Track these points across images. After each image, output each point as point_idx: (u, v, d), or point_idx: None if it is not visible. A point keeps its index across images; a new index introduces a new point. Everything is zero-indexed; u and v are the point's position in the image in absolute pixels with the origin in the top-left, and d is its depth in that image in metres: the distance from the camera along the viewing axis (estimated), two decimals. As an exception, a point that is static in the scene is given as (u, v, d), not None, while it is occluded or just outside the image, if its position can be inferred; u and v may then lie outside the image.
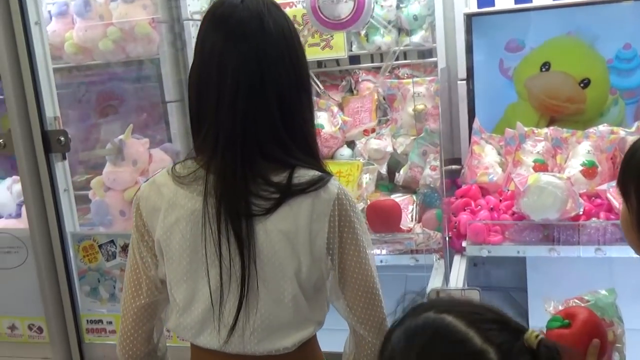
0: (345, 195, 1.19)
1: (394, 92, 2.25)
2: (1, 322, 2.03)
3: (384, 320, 1.23)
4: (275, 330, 1.20)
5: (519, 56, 2.14)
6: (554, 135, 2.00)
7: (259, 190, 1.15)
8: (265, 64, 1.16)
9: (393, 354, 0.86)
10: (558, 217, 1.74)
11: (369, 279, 1.21)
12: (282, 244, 1.16)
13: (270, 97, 1.16)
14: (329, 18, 1.79)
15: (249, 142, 1.16)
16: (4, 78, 1.83)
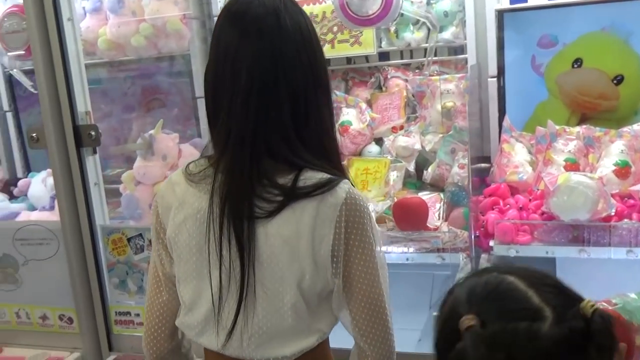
0: (355, 200, 1.14)
1: (423, 89, 2.23)
2: (33, 311, 2.08)
3: (389, 337, 1.18)
4: (274, 337, 1.17)
5: (552, 52, 2.09)
6: (586, 134, 1.96)
7: (264, 192, 1.13)
8: (280, 61, 1.14)
9: (454, 303, 0.89)
10: (588, 218, 1.70)
11: (376, 290, 1.16)
12: (282, 249, 1.13)
13: (283, 96, 1.14)
14: (357, 14, 1.77)
15: (258, 141, 1.14)
16: (37, 74, 1.86)
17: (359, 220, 1.13)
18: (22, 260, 2.04)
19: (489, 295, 0.87)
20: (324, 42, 2.34)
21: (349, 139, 2.22)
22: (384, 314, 1.17)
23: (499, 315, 0.84)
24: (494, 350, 0.81)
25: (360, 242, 1.14)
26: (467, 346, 0.83)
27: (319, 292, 1.16)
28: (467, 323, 0.83)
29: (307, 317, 1.17)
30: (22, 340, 2.10)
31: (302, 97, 1.16)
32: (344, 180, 1.15)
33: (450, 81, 2.18)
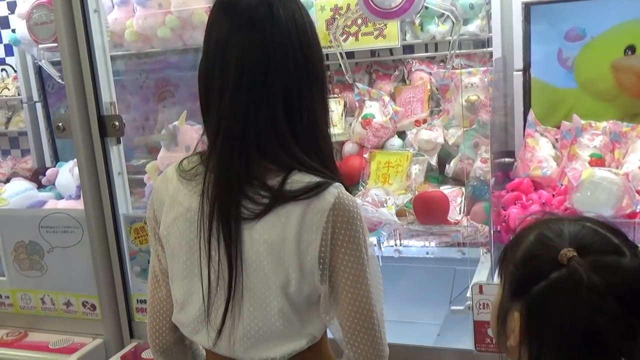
0: (345, 206, 1.10)
1: (447, 83, 2.21)
2: (58, 298, 2.12)
3: (377, 346, 1.15)
4: (263, 340, 1.15)
5: (579, 45, 2.05)
6: (612, 129, 1.92)
7: (252, 192, 1.10)
8: (272, 53, 1.10)
9: (544, 241, 0.97)
10: (612, 214, 1.67)
11: (363, 298, 1.12)
12: (267, 255, 1.10)
13: (275, 90, 1.10)
14: (380, 7, 1.76)
15: (248, 137, 1.10)
16: (64, 65, 1.90)
17: (347, 227, 1.10)
18: (47, 247, 2.08)
19: (578, 235, 0.96)
20: (348, 34, 2.33)
21: (372, 132, 2.21)
22: (372, 323, 1.14)
23: (591, 250, 0.93)
24: (594, 277, 0.90)
25: (347, 249, 1.10)
26: (567, 274, 0.91)
27: (306, 297, 1.14)
28: (569, 254, 0.92)
29: (297, 322, 1.15)
30: (47, 325, 2.14)
31: (295, 91, 1.12)
32: (334, 184, 1.11)
33: (474, 74, 2.15)
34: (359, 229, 1.12)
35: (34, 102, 2.90)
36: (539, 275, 0.94)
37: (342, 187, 1.13)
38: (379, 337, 1.15)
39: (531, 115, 2.06)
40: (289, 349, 1.17)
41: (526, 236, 1.01)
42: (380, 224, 1.89)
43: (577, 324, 0.90)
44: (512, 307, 0.98)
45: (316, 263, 1.10)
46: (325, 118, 1.19)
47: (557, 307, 0.92)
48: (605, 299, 0.89)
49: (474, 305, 1.56)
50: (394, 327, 2.09)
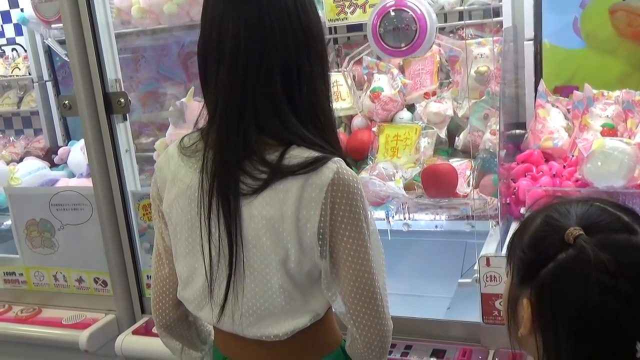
0: (344, 181, 1.09)
1: (456, 54, 2.17)
2: (70, 274, 2.14)
3: (381, 321, 1.15)
4: (265, 316, 1.15)
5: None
6: (625, 99, 1.87)
7: (251, 167, 1.09)
8: (269, 27, 1.08)
9: (551, 223, 0.94)
10: (624, 185, 1.64)
11: (365, 273, 1.12)
12: (265, 231, 1.10)
13: (272, 64, 1.09)
14: (390, 46, 1.74)
15: (246, 113, 1.09)
16: (68, 42, 1.89)
17: (346, 202, 1.09)
18: (58, 225, 2.10)
19: (585, 214, 0.93)
20: (356, 6, 2.30)
21: (380, 105, 2.18)
22: (374, 298, 1.13)
23: (599, 229, 0.91)
24: (603, 255, 0.87)
25: (347, 224, 1.10)
26: (574, 254, 0.88)
27: (307, 273, 1.13)
28: (575, 233, 0.89)
29: (299, 298, 1.15)
30: (60, 302, 2.17)
31: (294, 66, 1.11)
32: (333, 159, 1.10)
33: (484, 45, 2.11)
34: (359, 204, 1.11)
35: (45, 82, 2.92)
36: (547, 258, 0.91)
37: (342, 161, 1.12)
38: (382, 311, 1.15)
39: (542, 86, 2.01)
40: (292, 325, 1.16)
41: (533, 220, 0.98)
42: (389, 198, 1.87)
43: (589, 306, 0.87)
44: (522, 294, 0.95)
45: (315, 239, 1.10)
46: (326, 92, 1.17)
47: (567, 290, 0.89)
48: (616, 279, 0.86)
49: (481, 278, 1.55)
50: (404, 301, 2.12)
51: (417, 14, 1.68)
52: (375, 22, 1.72)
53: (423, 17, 1.68)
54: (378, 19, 1.71)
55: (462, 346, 1.60)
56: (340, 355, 1.24)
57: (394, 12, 1.70)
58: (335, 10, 2.31)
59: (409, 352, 1.61)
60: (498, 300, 1.55)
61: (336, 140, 1.19)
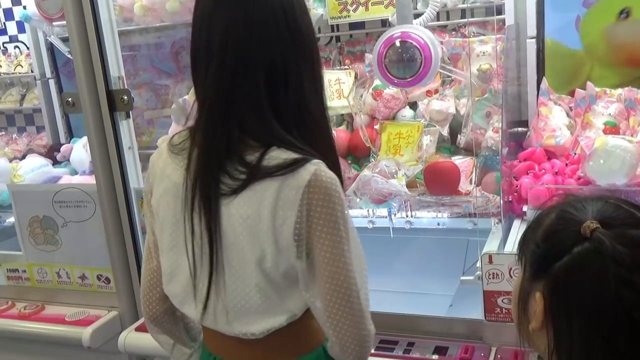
0: (322, 183, 1.09)
1: (459, 51, 2.17)
2: (73, 271, 2.15)
3: (358, 325, 1.14)
4: (243, 314, 1.17)
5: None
6: (628, 96, 1.87)
7: (232, 168, 1.10)
8: (256, 28, 1.10)
9: (566, 217, 0.95)
10: (626, 183, 1.64)
11: (342, 276, 1.11)
12: (243, 230, 1.11)
13: (258, 64, 1.10)
14: (395, 76, 1.75)
15: (230, 114, 1.11)
16: (71, 39, 1.89)
17: (323, 204, 1.09)
18: (61, 222, 2.10)
19: (600, 209, 0.93)
20: (358, 4, 2.30)
21: (383, 103, 2.18)
22: (351, 301, 1.13)
23: (615, 224, 0.91)
24: (621, 248, 0.87)
25: (324, 226, 1.10)
26: (592, 247, 0.89)
27: (284, 273, 1.14)
28: (592, 226, 0.89)
29: (275, 297, 1.16)
30: (63, 298, 2.17)
31: (280, 67, 1.12)
32: (312, 161, 1.10)
33: (486, 43, 2.11)
34: (336, 206, 1.11)
35: (47, 79, 2.92)
36: (562, 251, 0.91)
37: (322, 164, 1.12)
38: (360, 315, 1.14)
39: (544, 84, 2.02)
40: (268, 324, 1.18)
41: (546, 215, 0.99)
42: (391, 195, 1.88)
43: (604, 299, 0.87)
44: (534, 288, 0.95)
45: (292, 239, 1.11)
46: (316, 94, 1.18)
47: (582, 283, 0.89)
48: (632, 273, 0.86)
49: (483, 275, 1.55)
50: (406, 298, 2.12)
51: (421, 44, 1.69)
52: (381, 52, 1.74)
53: (427, 47, 1.69)
54: (384, 49, 1.73)
55: (464, 343, 1.60)
56: (321, 355, 1.24)
57: (399, 43, 1.71)
58: (338, 8, 2.31)
59: (412, 349, 1.61)
60: (500, 297, 1.55)
61: (326, 143, 1.19)
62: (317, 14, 2.32)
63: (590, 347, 0.89)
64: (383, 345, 1.64)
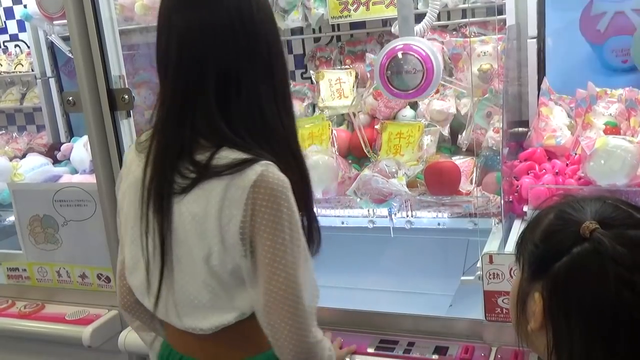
0: (268, 184, 1.11)
1: (459, 51, 2.17)
2: (73, 270, 2.14)
3: (295, 330, 1.14)
4: (193, 309, 1.20)
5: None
6: (628, 97, 1.87)
7: (183, 168, 1.14)
8: (210, 33, 1.13)
9: (565, 217, 0.95)
10: (626, 183, 1.64)
11: (281, 278, 1.12)
12: (191, 227, 1.14)
13: (211, 67, 1.14)
14: (397, 88, 1.76)
15: (185, 115, 1.15)
16: (72, 38, 1.89)
17: (267, 205, 1.11)
18: (61, 221, 2.10)
19: (599, 210, 0.94)
20: (359, 4, 2.30)
21: (383, 102, 2.18)
22: (289, 305, 1.13)
23: (614, 224, 0.91)
24: (620, 249, 0.88)
25: (267, 227, 1.12)
26: (591, 248, 0.89)
27: (231, 271, 1.16)
28: (591, 227, 0.90)
29: (223, 295, 1.18)
30: (63, 297, 2.17)
31: (234, 70, 1.15)
32: (260, 162, 1.12)
33: (487, 43, 2.11)
34: (282, 207, 1.12)
35: (48, 78, 2.91)
36: (561, 251, 0.91)
37: (272, 166, 1.14)
38: (302, 322, 1.15)
39: (545, 84, 2.02)
40: (217, 321, 1.21)
41: (545, 216, 0.99)
42: (391, 195, 1.87)
43: (604, 299, 0.87)
44: (533, 288, 0.95)
45: (237, 238, 1.13)
46: (273, 99, 1.20)
47: (582, 283, 0.89)
48: (632, 273, 0.86)
49: (483, 275, 1.55)
50: (406, 298, 2.12)
51: (423, 56, 1.70)
52: (383, 63, 1.74)
53: (429, 59, 1.71)
54: (387, 60, 1.74)
55: (464, 343, 1.60)
56: (272, 357, 1.23)
57: (401, 55, 1.73)
58: (339, 8, 2.31)
59: (412, 349, 1.61)
60: (501, 297, 1.55)
61: (284, 147, 1.21)
62: (317, 14, 2.33)
63: (590, 347, 0.89)
64: (383, 345, 1.64)
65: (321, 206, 2.06)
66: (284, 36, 2.49)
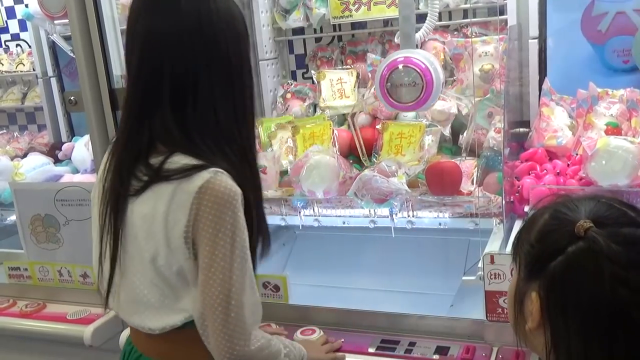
0: (213, 191, 1.13)
1: (461, 52, 2.17)
2: (75, 270, 2.14)
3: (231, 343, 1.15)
4: (140, 308, 1.24)
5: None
6: (630, 97, 1.87)
7: (138, 170, 1.18)
8: (169, 39, 1.16)
9: (560, 217, 0.95)
10: (628, 184, 1.64)
11: (215, 284, 1.14)
12: (141, 227, 1.19)
13: (167, 76, 1.16)
14: (397, 101, 1.76)
15: (144, 119, 1.19)
16: (74, 38, 1.90)
17: (210, 211, 1.13)
18: (63, 220, 2.10)
19: (593, 209, 0.94)
20: (360, 3, 2.30)
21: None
22: (224, 313, 1.15)
23: (608, 223, 0.92)
24: (615, 247, 0.88)
25: (207, 233, 1.14)
26: (586, 246, 0.90)
27: (177, 273, 1.19)
28: (585, 225, 0.90)
29: (170, 296, 1.21)
30: (64, 297, 2.17)
31: (190, 78, 1.17)
32: (209, 169, 1.15)
33: (488, 43, 2.12)
34: (224, 215, 1.14)
35: (49, 77, 2.91)
36: (556, 251, 0.92)
37: (222, 173, 1.16)
38: (235, 330, 1.16)
39: (546, 84, 2.02)
40: (164, 322, 1.23)
41: (540, 216, 1.00)
42: (392, 194, 1.87)
43: (600, 297, 0.88)
44: (529, 288, 0.96)
45: (182, 241, 1.16)
46: (231, 107, 1.22)
47: (578, 282, 0.90)
48: (627, 271, 0.87)
49: (485, 275, 1.56)
50: (407, 298, 2.12)
51: (422, 69, 1.71)
52: (384, 75, 1.75)
53: (428, 72, 1.71)
54: (387, 72, 1.74)
55: (465, 343, 1.60)
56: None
57: (402, 68, 1.73)
58: (340, 8, 2.32)
59: (413, 348, 1.61)
60: (502, 297, 1.55)
61: (238, 155, 1.23)
62: (319, 14, 2.33)
63: (587, 345, 0.89)
64: (384, 345, 1.64)
65: (322, 206, 2.06)
66: (285, 36, 2.50)
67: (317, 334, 1.67)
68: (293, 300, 1.83)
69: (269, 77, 2.48)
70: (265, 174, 2.00)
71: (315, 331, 1.68)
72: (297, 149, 2.17)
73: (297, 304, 1.83)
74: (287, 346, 1.32)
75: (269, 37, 2.46)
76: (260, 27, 2.40)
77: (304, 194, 1.97)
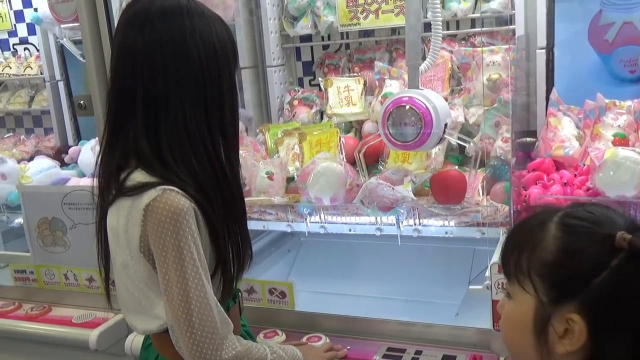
0: (157, 209, 1.17)
1: (468, 61, 2.18)
2: (80, 273, 2.15)
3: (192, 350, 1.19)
4: (129, 311, 1.32)
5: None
6: (637, 108, 1.88)
7: (111, 184, 1.25)
8: (141, 58, 1.20)
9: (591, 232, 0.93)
10: (635, 195, 1.65)
11: (175, 300, 1.18)
12: (111, 238, 1.27)
13: (140, 91, 1.20)
14: (397, 140, 1.77)
15: (119, 134, 1.24)
16: (85, 43, 1.91)
17: (156, 229, 1.18)
18: (70, 224, 2.11)
19: (616, 218, 0.94)
20: (368, 12, 2.31)
21: (392, 111, 2.19)
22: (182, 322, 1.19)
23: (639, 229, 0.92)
24: None
25: (156, 249, 1.20)
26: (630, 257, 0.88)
27: (144, 280, 1.25)
28: (627, 237, 0.89)
29: (145, 302, 1.27)
30: (70, 300, 2.18)
31: (162, 94, 1.20)
32: (157, 187, 1.18)
33: (496, 52, 2.12)
34: (166, 235, 1.17)
35: (57, 81, 2.93)
36: (596, 267, 0.89)
37: (171, 191, 1.19)
38: (199, 339, 1.19)
39: (554, 94, 2.02)
40: (145, 326, 1.30)
41: (542, 233, 0.95)
42: (398, 202, 1.88)
43: None
44: (560, 310, 0.92)
45: (141, 254, 1.22)
46: (201, 122, 1.24)
47: (628, 294, 0.89)
48: None
49: (492, 285, 1.56)
50: (412, 306, 2.12)
51: (422, 110, 1.71)
52: (387, 111, 1.76)
53: (428, 113, 1.72)
54: (391, 107, 1.75)
55: (472, 352, 1.60)
56: None
57: (404, 107, 1.74)
58: (348, 16, 2.32)
59: (419, 357, 1.62)
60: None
61: (210, 171, 1.26)
62: (327, 21, 2.34)
63: (638, 356, 0.89)
64: (390, 353, 1.65)
65: (329, 213, 2.06)
66: (293, 43, 2.51)
67: (323, 341, 1.67)
68: (299, 307, 1.84)
69: (276, 83, 2.49)
70: (272, 180, 2.01)
71: (322, 338, 1.69)
72: (304, 156, 2.17)
73: (303, 311, 1.83)
74: (274, 352, 1.34)
75: (276, 44, 2.47)
76: (269, 34, 2.41)
77: (310, 201, 1.97)
